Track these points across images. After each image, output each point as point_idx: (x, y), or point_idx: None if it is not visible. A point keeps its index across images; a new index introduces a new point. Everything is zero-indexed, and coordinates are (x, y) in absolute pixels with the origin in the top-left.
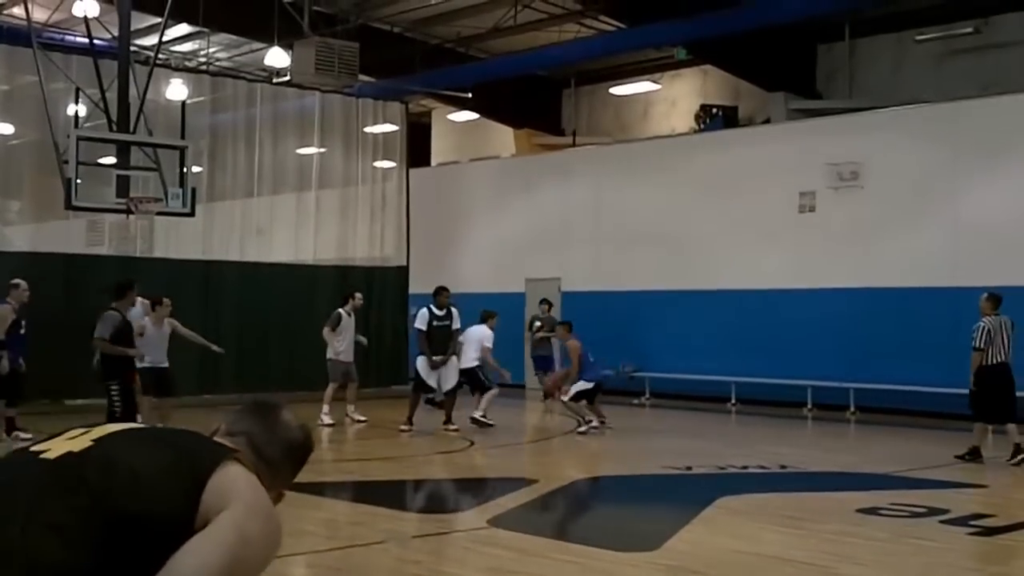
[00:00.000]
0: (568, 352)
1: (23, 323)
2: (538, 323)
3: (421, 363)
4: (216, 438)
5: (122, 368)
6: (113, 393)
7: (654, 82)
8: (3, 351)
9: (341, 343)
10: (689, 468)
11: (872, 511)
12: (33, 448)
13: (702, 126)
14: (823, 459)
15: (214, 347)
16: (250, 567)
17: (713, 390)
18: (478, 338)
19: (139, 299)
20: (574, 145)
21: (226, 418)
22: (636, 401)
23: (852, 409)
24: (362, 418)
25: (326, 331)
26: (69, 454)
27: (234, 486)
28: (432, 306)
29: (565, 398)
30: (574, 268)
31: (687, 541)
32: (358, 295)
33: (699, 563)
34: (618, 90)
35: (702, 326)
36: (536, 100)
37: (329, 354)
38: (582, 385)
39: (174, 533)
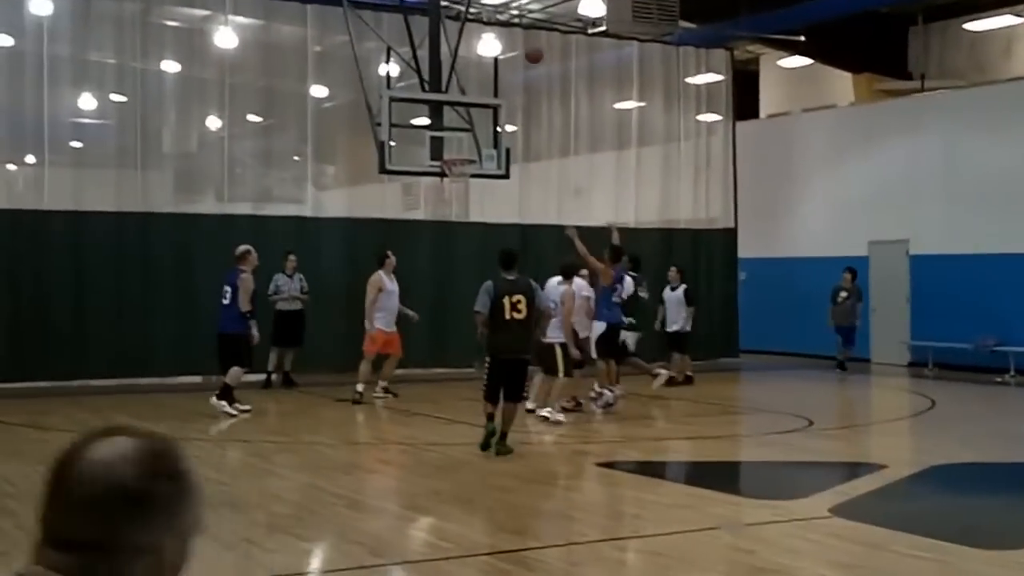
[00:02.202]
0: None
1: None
2: (843, 293)
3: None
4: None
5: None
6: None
7: (1017, 15)
8: (253, 319)
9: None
10: None
11: None
12: None
13: None
14: None
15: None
16: None
17: None
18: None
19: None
20: (923, 90)
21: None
22: (999, 379)
23: None
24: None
25: None
26: None
27: None
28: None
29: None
30: (924, 229)
31: None
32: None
33: None
34: (974, 25)
35: None
36: (878, 40)
37: None
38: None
39: None
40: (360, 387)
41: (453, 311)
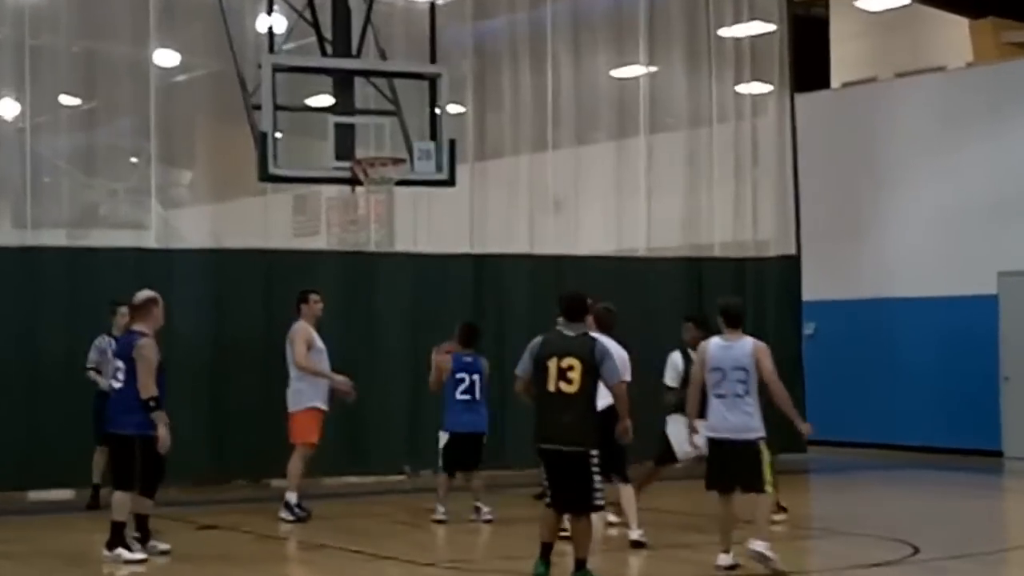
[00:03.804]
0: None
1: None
2: None
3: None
4: None
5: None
6: (594, 468)
7: None
8: (160, 409)
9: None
10: None
11: None
12: None
13: None
14: None
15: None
16: None
17: None
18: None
19: None
20: None
21: None
22: None
23: None
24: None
25: None
26: None
27: None
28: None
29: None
30: None
31: None
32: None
33: None
34: None
35: None
36: None
37: None
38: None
39: None
40: (293, 496)
41: (373, 388)
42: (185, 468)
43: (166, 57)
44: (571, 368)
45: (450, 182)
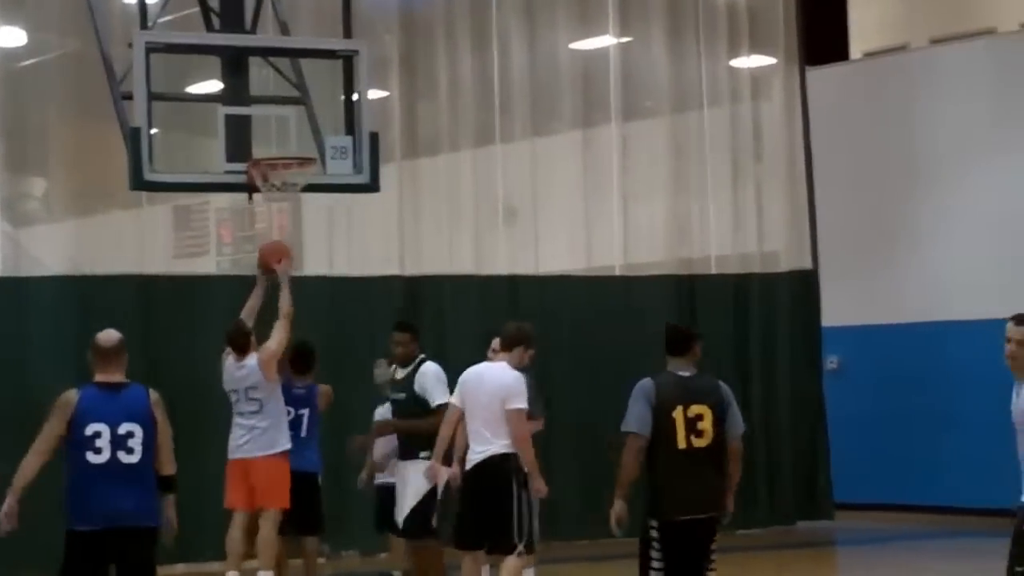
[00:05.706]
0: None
1: None
2: None
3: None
4: None
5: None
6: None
7: None
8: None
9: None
10: None
11: None
12: None
13: None
14: None
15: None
16: None
17: None
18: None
19: None
20: None
21: None
22: None
23: None
24: None
25: None
26: None
27: None
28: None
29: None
30: None
31: None
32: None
33: None
34: None
35: None
36: None
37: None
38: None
39: None
40: None
41: None
42: (49, 558)
43: (10, 36)
44: (700, 417)
45: (372, 186)
